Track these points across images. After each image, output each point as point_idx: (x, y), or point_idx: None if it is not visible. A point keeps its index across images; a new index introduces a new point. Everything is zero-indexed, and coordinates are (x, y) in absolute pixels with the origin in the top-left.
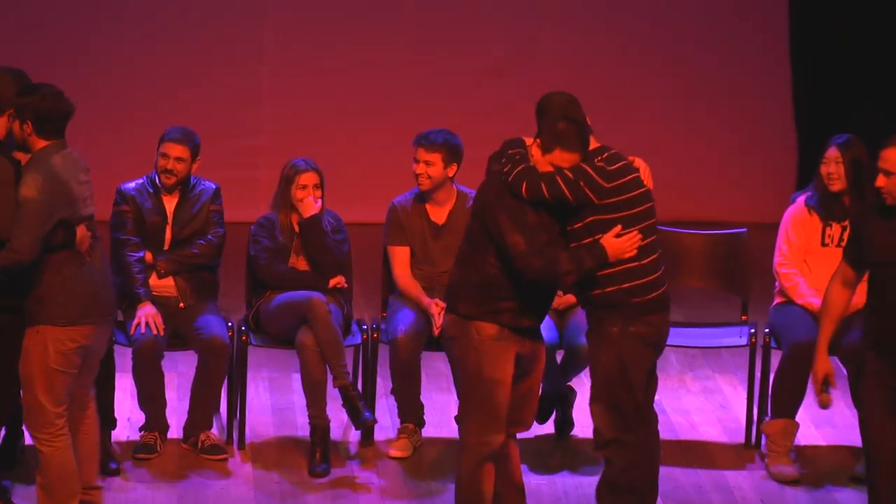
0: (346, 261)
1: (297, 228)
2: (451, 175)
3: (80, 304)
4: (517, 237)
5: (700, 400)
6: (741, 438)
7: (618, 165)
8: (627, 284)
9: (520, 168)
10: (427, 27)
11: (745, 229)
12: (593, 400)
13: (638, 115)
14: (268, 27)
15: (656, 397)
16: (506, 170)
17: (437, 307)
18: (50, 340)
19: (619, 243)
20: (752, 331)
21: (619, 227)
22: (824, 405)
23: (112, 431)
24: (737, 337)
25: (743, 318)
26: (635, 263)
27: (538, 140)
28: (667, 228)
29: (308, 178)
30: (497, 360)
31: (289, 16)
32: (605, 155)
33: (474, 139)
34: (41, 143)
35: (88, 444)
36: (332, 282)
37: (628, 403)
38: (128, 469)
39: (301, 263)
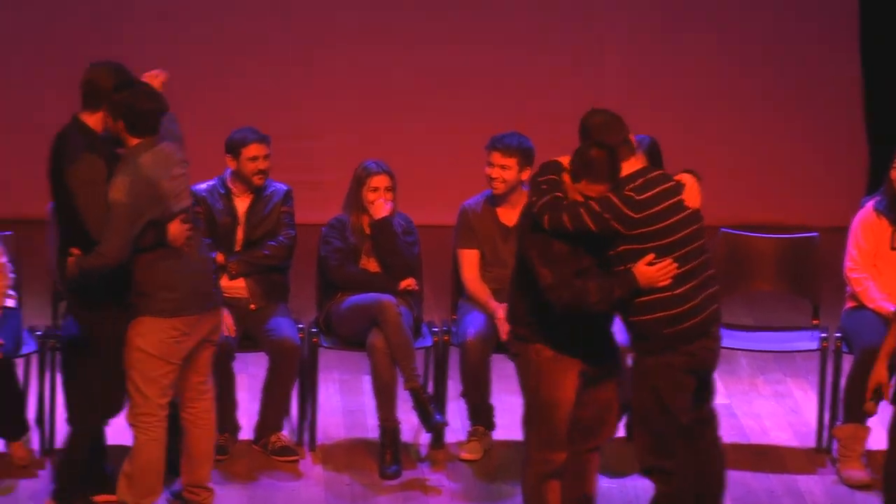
0: (417, 263)
1: (367, 230)
2: (523, 179)
3: (179, 296)
4: (545, 270)
5: (771, 404)
6: (812, 443)
7: (650, 194)
8: (659, 314)
9: (544, 200)
10: (493, 29)
11: (816, 233)
12: (635, 424)
13: (706, 118)
14: (334, 28)
15: (727, 401)
16: (533, 199)
17: (503, 311)
18: (151, 330)
19: (651, 272)
20: (824, 335)
21: (651, 257)
22: (869, 413)
23: None
24: (808, 341)
25: (814, 322)
26: (668, 293)
27: (570, 166)
28: (738, 232)
29: (380, 181)
30: (556, 382)
31: (355, 16)
32: (640, 182)
33: (539, 142)
34: (133, 141)
35: (203, 443)
36: (403, 284)
37: (667, 430)
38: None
39: (372, 265)
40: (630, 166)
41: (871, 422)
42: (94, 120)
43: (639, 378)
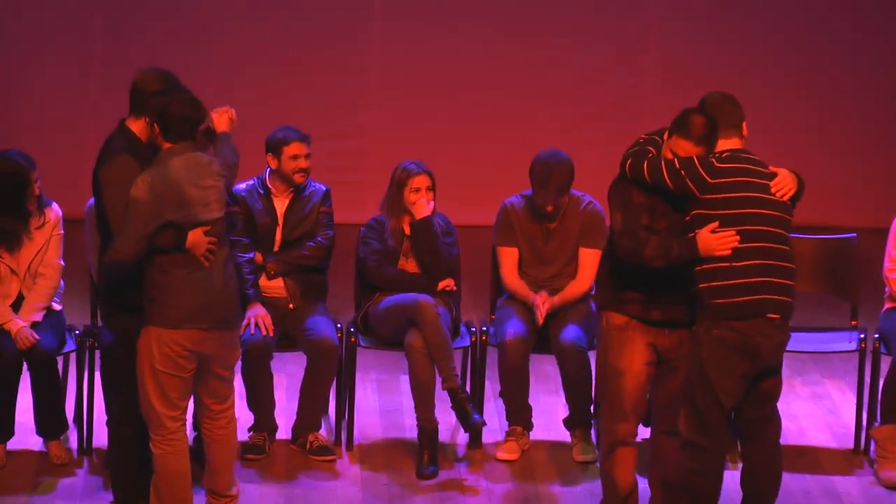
0: (456, 263)
1: (407, 231)
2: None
3: (187, 308)
4: (617, 215)
5: (809, 405)
6: (850, 444)
7: (731, 165)
8: (714, 283)
9: (634, 149)
10: (532, 28)
11: (854, 234)
12: (679, 398)
13: (748, 119)
14: (374, 29)
15: None
16: (627, 150)
17: (541, 297)
18: (155, 341)
19: (711, 239)
20: (862, 336)
21: (715, 224)
22: None
23: None
24: (846, 342)
25: (852, 323)
26: (725, 264)
27: (671, 123)
28: None
29: (421, 181)
30: (622, 351)
31: (395, 17)
32: (727, 154)
33: (579, 141)
34: (166, 146)
35: (223, 454)
36: (441, 284)
37: (708, 407)
38: (236, 469)
39: (410, 266)
40: (731, 144)
41: None
42: (138, 126)
43: (692, 348)
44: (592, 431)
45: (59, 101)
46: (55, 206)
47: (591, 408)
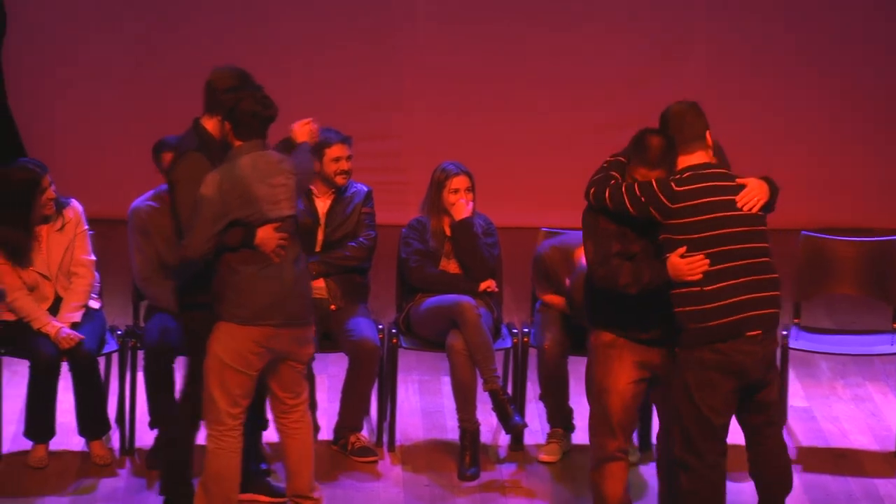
0: (497, 264)
1: (448, 232)
2: None
3: (256, 304)
4: (588, 244)
5: (850, 407)
6: (892, 446)
7: (692, 187)
8: (687, 308)
9: (597, 176)
10: (573, 28)
11: None
12: (670, 414)
13: (785, 120)
14: (415, 30)
15: (806, 404)
16: (592, 176)
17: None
18: (227, 337)
19: (681, 265)
20: None
21: (683, 249)
22: None
23: (263, 433)
24: (888, 345)
25: (894, 325)
26: (696, 288)
27: (627, 149)
28: (818, 235)
29: (460, 182)
30: (609, 368)
31: (435, 17)
32: (688, 174)
33: (618, 143)
34: (237, 143)
35: (298, 454)
36: (483, 285)
37: (695, 428)
38: (279, 470)
39: (451, 267)
40: (693, 159)
41: None
42: (211, 124)
43: (674, 369)
44: (634, 434)
45: (102, 102)
46: (74, 203)
47: None
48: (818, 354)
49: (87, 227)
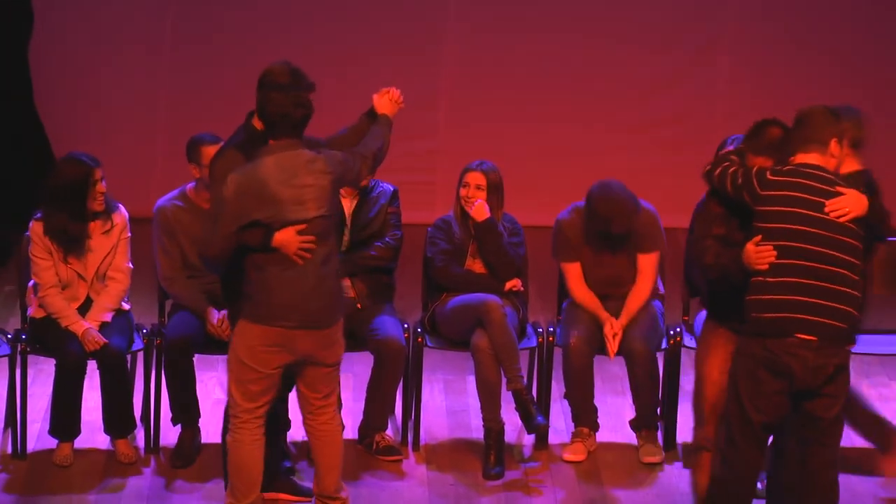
0: (523, 264)
1: (472, 231)
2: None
3: (272, 305)
4: (696, 224)
5: (876, 407)
6: None
7: (786, 179)
8: (751, 297)
9: (719, 155)
10: (603, 32)
11: None
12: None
13: None
14: (446, 29)
15: None
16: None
17: (610, 328)
18: (244, 334)
19: (751, 251)
20: None
21: (759, 237)
22: None
23: (288, 432)
24: None
25: None
26: (761, 279)
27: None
28: None
29: (472, 178)
30: (707, 356)
31: (467, 17)
32: (788, 168)
33: (647, 144)
34: (271, 142)
35: (325, 455)
36: (508, 285)
37: (735, 418)
38: (303, 469)
39: (477, 266)
40: (805, 158)
41: None
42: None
43: (733, 359)
44: (659, 433)
45: (127, 100)
46: (122, 208)
47: (658, 410)
48: None
49: (129, 234)
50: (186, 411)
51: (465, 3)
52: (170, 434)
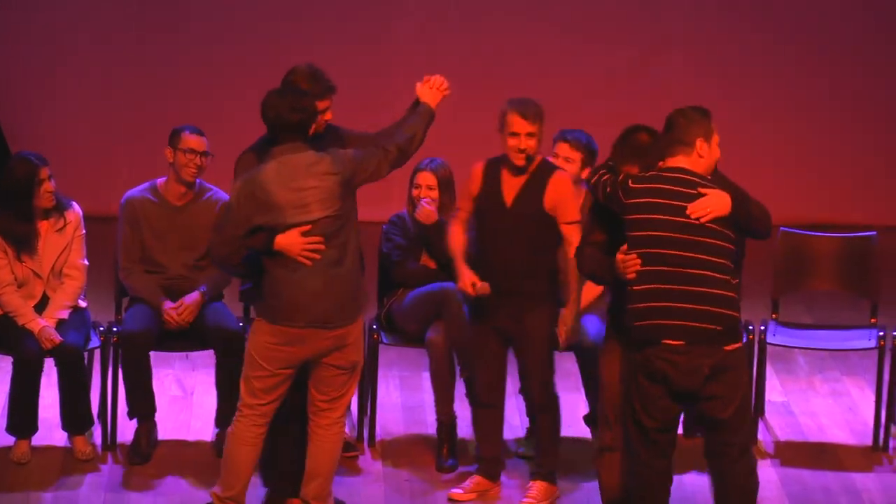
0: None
1: (422, 232)
2: (583, 177)
3: (280, 306)
4: (584, 229)
5: (828, 402)
6: (869, 441)
7: (646, 185)
8: (627, 305)
9: (598, 168)
10: (563, 33)
11: (874, 232)
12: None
13: (765, 117)
14: (400, 28)
15: (784, 399)
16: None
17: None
18: (258, 331)
19: (619, 261)
20: (882, 334)
21: (625, 246)
22: None
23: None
24: (866, 340)
25: (872, 320)
26: (628, 287)
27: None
28: (797, 231)
29: (423, 178)
30: (604, 361)
31: (422, 17)
32: (651, 174)
33: (600, 139)
34: (275, 145)
35: (318, 457)
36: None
37: (630, 426)
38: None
39: (432, 262)
40: (670, 162)
41: None
42: None
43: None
44: None
45: (85, 98)
46: (75, 206)
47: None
48: (796, 349)
49: (84, 231)
50: (142, 403)
51: (422, 2)
52: (127, 431)
